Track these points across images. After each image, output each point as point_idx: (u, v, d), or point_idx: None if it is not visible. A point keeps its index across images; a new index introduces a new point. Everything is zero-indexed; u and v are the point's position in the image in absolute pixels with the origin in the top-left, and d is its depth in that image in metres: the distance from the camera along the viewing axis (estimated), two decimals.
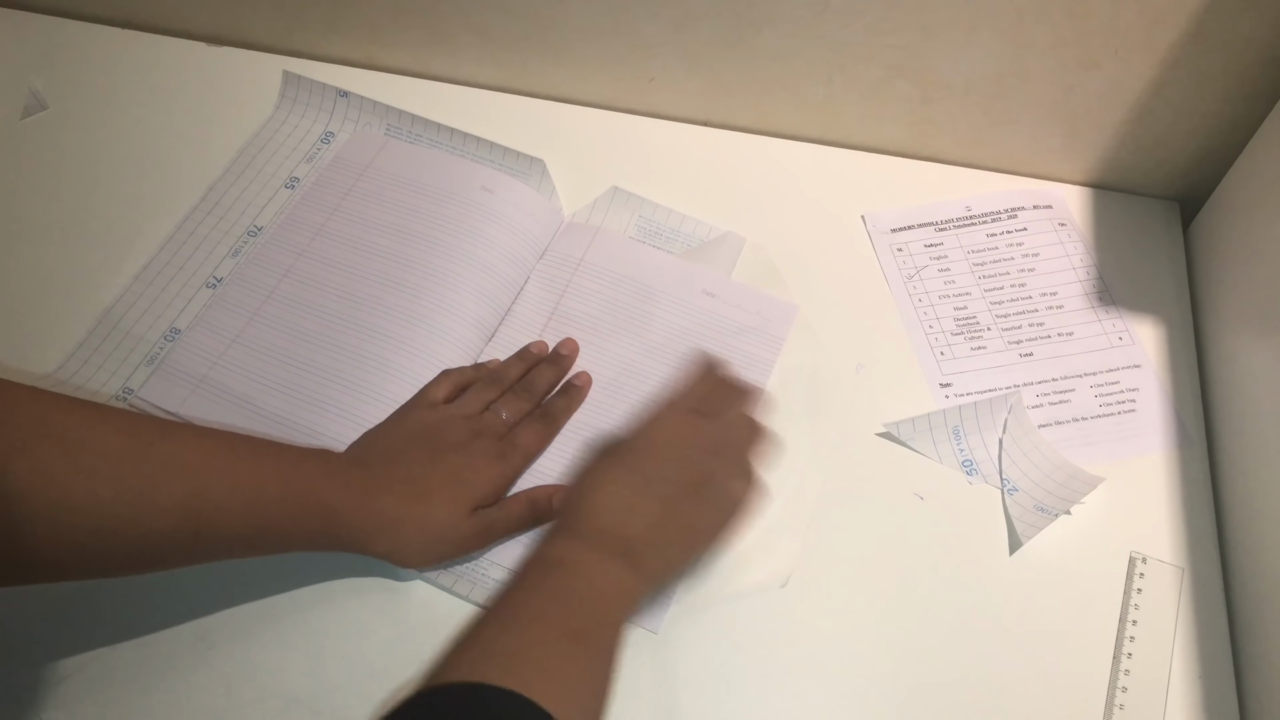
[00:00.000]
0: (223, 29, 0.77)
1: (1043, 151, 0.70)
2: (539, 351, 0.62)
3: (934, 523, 0.57)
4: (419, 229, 0.65)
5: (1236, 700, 0.52)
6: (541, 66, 0.73)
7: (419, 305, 0.62)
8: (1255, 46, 0.59)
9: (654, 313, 0.64)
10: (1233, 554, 0.56)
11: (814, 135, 0.73)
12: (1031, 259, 0.67)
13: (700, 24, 0.66)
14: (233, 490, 0.46)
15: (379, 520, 0.50)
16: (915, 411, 0.60)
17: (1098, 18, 0.60)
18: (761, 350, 0.62)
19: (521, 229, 0.66)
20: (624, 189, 0.69)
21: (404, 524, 0.51)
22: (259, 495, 0.47)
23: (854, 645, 0.53)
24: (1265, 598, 0.52)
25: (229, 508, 0.46)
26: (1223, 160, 0.65)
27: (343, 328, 0.62)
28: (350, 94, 0.72)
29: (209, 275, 0.65)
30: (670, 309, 0.64)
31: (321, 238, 0.66)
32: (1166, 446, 0.60)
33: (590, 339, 0.63)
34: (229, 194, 0.69)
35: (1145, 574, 0.55)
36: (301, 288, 0.64)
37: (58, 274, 0.65)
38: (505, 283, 0.64)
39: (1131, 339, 0.64)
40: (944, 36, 0.63)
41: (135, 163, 0.71)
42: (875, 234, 0.69)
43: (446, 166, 0.69)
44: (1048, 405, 0.61)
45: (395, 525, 0.51)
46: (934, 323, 0.65)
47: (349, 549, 0.51)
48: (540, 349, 0.62)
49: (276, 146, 0.72)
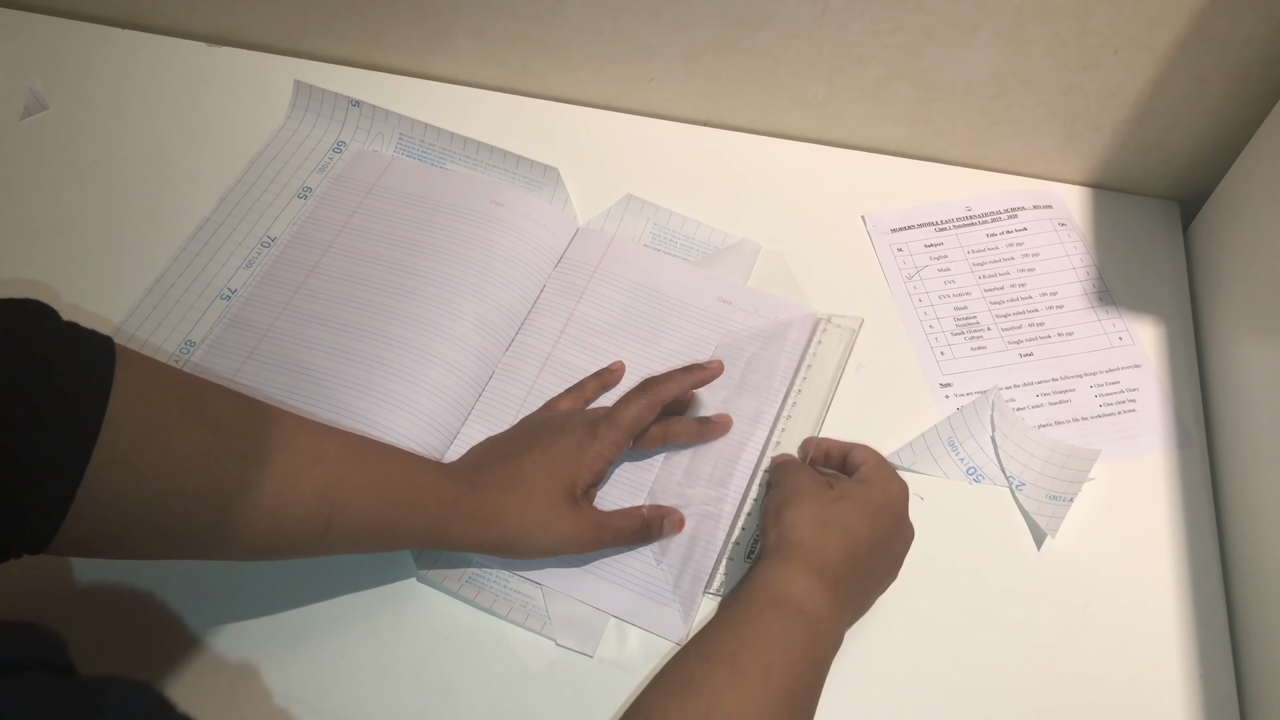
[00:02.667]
0: (223, 29, 0.77)
1: (1042, 151, 0.70)
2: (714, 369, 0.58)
3: (936, 523, 0.57)
4: (430, 242, 0.65)
5: (1237, 701, 0.52)
6: (541, 67, 0.73)
7: (435, 314, 0.62)
8: (1255, 46, 0.59)
9: (670, 320, 0.64)
10: (1233, 554, 0.56)
11: (814, 135, 0.73)
12: (1031, 259, 0.67)
13: (700, 24, 0.66)
14: (363, 484, 0.47)
15: (483, 513, 0.50)
16: (915, 412, 0.60)
17: (1098, 18, 0.60)
18: (780, 357, 0.62)
19: (534, 238, 0.66)
20: (638, 197, 0.69)
21: (504, 514, 0.51)
22: (384, 490, 0.48)
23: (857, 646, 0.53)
24: (1265, 597, 0.52)
25: (358, 501, 0.47)
26: (1223, 160, 0.65)
27: (359, 337, 0.61)
28: (362, 103, 0.72)
29: (223, 287, 0.65)
30: (686, 316, 0.64)
31: (332, 254, 0.66)
32: (1166, 446, 0.60)
33: (606, 346, 0.63)
34: (241, 204, 0.69)
35: (827, 330, 0.61)
36: (315, 302, 0.63)
37: (63, 280, 0.65)
38: (520, 291, 0.64)
39: (1131, 339, 0.64)
40: (944, 36, 0.63)
41: (136, 164, 0.71)
42: (875, 234, 0.69)
43: (454, 182, 0.69)
44: (1048, 405, 0.61)
45: (497, 517, 0.51)
46: (934, 323, 0.65)
47: (461, 547, 0.52)
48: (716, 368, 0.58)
49: (288, 156, 0.72)
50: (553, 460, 0.53)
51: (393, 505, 0.48)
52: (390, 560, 0.55)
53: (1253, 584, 0.54)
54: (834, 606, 0.46)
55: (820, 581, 0.46)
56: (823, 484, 0.51)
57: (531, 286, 0.65)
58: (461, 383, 0.60)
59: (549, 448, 0.53)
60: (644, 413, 0.54)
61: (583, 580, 0.55)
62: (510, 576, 0.55)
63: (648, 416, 0.55)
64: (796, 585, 0.46)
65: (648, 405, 0.54)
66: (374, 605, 0.54)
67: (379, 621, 0.54)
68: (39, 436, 0.37)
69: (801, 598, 0.45)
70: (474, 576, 0.55)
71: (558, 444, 0.53)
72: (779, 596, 0.46)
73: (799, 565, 0.47)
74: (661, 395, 0.55)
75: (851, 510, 0.49)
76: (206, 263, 0.66)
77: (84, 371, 0.39)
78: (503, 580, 0.55)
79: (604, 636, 0.53)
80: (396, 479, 0.48)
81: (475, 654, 0.53)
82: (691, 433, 0.58)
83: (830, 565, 0.47)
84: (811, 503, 0.49)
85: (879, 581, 0.51)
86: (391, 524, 0.48)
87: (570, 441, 0.53)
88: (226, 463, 0.43)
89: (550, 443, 0.54)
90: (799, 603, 0.45)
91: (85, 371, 0.39)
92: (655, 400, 0.55)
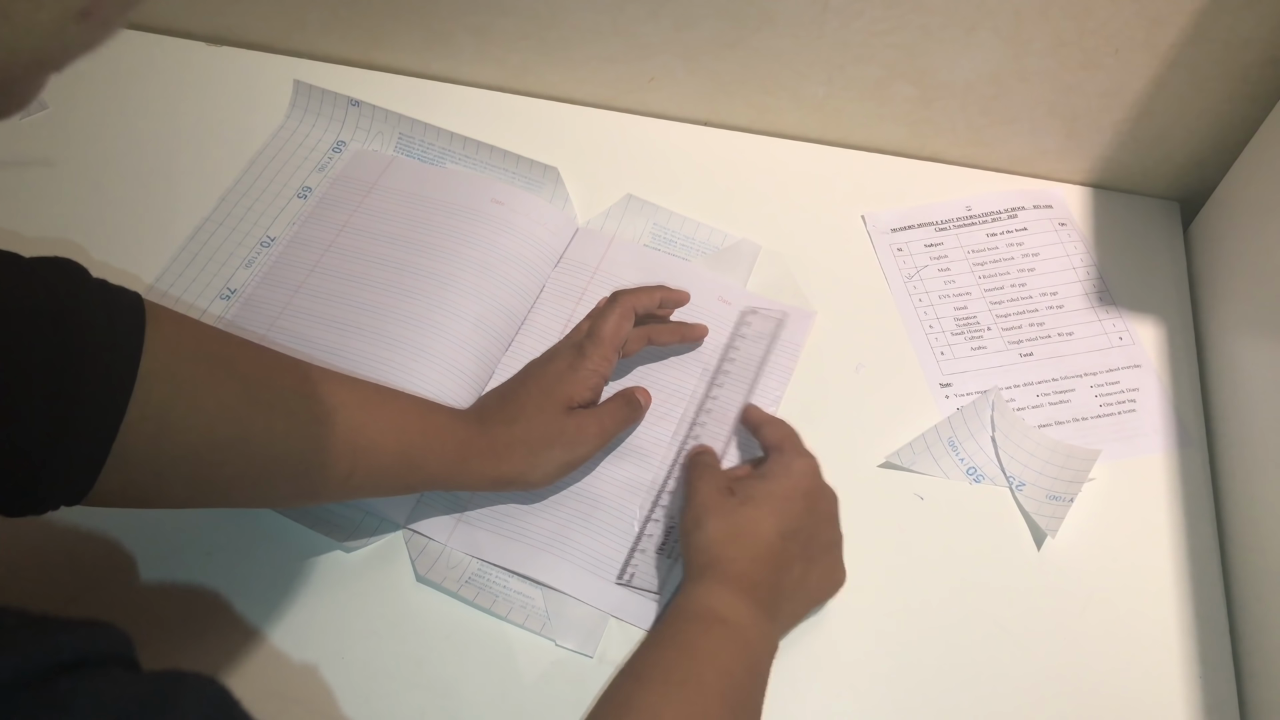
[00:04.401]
0: (223, 29, 0.77)
1: (1042, 151, 0.70)
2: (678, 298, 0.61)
3: (936, 523, 0.57)
4: (431, 241, 0.65)
5: (1237, 701, 0.52)
6: (541, 66, 0.73)
7: (435, 314, 0.62)
8: (1255, 46, 0.59)
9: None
10: (1233, 554, 0.56)
11: (814, 135, 0.73)
12: (1031, 259, 0.67)
13: (700, 24, 0.66)
14: (384, 429, 0.49)
15: (494, 449, 0.53)
16: (915, 412, 0.60)
17: (1098, 18, 0.60)
18: (779, 358, 0.62)
19: (534, 238, 0.66)
20: (638, 197, 0.69)
21: (513, 447, 0.53)
22: (404, 433, 0.50)
23: (857, 646, 0.53)
24: (1265, 597, 0.52)
25: (381, 444, 0.49)
26: (1223, 160, 0.65)
27: (359, 337, 0.61)
28: (362, 103, 0.72)
29: (223, 287, 0.65)
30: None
31: (332, 253, 0.66)
32: (1166, 446, 0.60)
33: None
34: (240, 204, 0.69)
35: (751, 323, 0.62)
36: (315, 302, 0.63)
37: None
38: (520, 291, 0.64)
39: (1131, 339, 0.64)
40: (944, 36, 0.63)
41: (136, 164, 0.71)
42: (875, 234, 0.69)
43: (455, 181, 0.69)
44: (1048, 405, 0.61)
45: (507, 449, 0.53)
46: (934, 323, 0.65)
47: (478, 486, 0.54)
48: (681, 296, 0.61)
49: (288, 156, 0.71)
50: (547, 386, 0.55)
51: (411, 447, 0.50)
52: (390, 560, 0.55)
53: (1253, 584, 0.54)
54: (758, 613, 0.47)
55: (738, 593, 0.47)
56: (723, 494, 0.51)
57: (531, 286, 0.65)
58: (461, 382, 0.60)
59: (542, 377, 0.56)
60: (620, 322, 0.56)
61: (583, 580, 0.55)
62: (510, 577, 0.55)
63: (625, 325, 0.57)
64: (715, 598, 0.47)
65: (621, 314, 0.57)
66: (374, 605, 0.54)
67: (379, 621, 0.54)
68: (74, 392, 0.38)
69: (724, 610, 0.47)
70: (474, 576, 0.55)
71: (549, 371, 0.56)
72: (701, 611, 0.47)
73: (714, 580, 0.48)
74: (632, 302, 0.57)
75: (754, 513, 0.49)
76: (206, 263, 0.66)
77: (115, 328, 0.40)
78: (503, 580, 0.55)
79: (604, 637, 0.53)
80: (414, 422, 0.51)
81: (475, 654, 0.53)
82: (673, 333, 0.61)
83: (743, 576, 0.48)
84: (714, 520, 0.50)
85: (809, 565, 0.51)
86: (411, 465, 0.50)
87: (561, 365, 0.56)
88: (255, 414, 0.44)
89: (542, 373, 0.56)
90: (721, 614, 0.46)
91: (117, 328, 0.40)
92: (627, 307, 0.57)
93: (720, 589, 0.47)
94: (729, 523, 0.49)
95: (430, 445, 0.51)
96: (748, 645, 0.46)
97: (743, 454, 0.59)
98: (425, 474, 0.51)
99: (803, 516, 0.51)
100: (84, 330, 0.39)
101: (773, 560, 0.49)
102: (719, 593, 0.47)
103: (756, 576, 0.48)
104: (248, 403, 0.44)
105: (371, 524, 0.56)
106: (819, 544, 0.52)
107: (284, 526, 0.56)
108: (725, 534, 0.49)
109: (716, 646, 0.45)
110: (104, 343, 0.39)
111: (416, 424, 0.51)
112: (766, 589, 0.48)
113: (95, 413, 0.39)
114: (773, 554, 0.49)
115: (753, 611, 0.47)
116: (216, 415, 0.43)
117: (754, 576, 0.48)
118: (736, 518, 0.49)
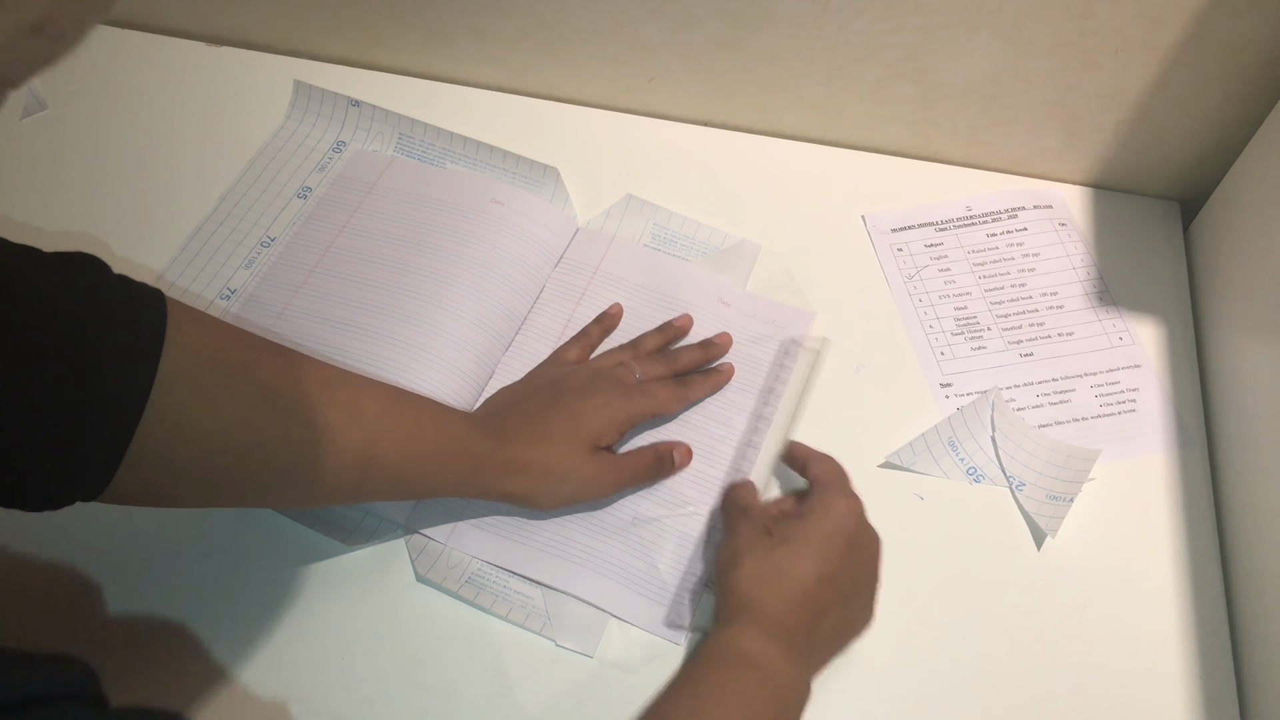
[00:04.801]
0: (223, 29, 0.77)
1: (1043, 151, 0.70)
2: (682, 325, 0.62)
3: (936, 523, 0.57)
4: (431, 241, 0.65)
5: (1237, 701, 0.52)
6: (541, 66, 0.73)
7: (435, 314, 0.62)
8: (1255, 46, 0.59)
9: None
10: (1233, 554, 0.56)
11: (814, 135, 0.73)
12: (1031, 259, 0.67)
13: (700, 24, 0.66)
14: (399, 438, 0.49)
15: (510, 465, 0.52)
16: (915, 412, 0.60)
17: (1098, 18, 0.60)
18: (779, 359, 0.62)
19: (534, 238, 0.66)
20: (638, 197, 0.69)
21: (530, 467, 0.53)
22: (418, 443, 0.50)
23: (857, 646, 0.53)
24: (1265, 597, 0.52)
25: (394, 453, 0.49)
26: (1223, 160, 0.65)
27: (359, 337, 0.61)
28: (362, 103, 0.72)
29: (223, 287, 0.65)
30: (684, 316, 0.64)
31: (332, 254, 0.66)
32: (1166, 446, 0.60)
33: (606, 347, 0.62)
34: (241, 204, 0.69)
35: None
36: (315, 302, 0.63)
37: None
38: (520, 291, 0.64)
39: (1131, 339, 0.64)
40: (944, 36, 0.63)
41: (135, 164, 0.71)
42: (875, 234, 0.69)
43: (455, 181, 0.69)
44: (1048, 405, 0.61)
45: (524, 469, 0.53)
46: (934, 323, 0.65)
47: (489, 495, 0.53)
48: (684, 322, 0.62)
49: (288, 156, 0.71)
50: (578, 418, 0.54)
51: (426, 459, 0.50)
52: (390, 560, 0.55)
53: (1253, 584, 0.54)
54: (790, 657, 0.46)
55: (771, 636, 0.46)
56: (760, 534, 0.50)
57: (531, 286, 0.65)
58: (461, 382, 0.60)
59: (574, 406, 0.55)
60: (676, 404, 0.59)
61: (584, 579, 0.55)
62: (510, 577, 0.55)
63: (678, 408, 0.59)
64: (747, 641, 0.46)
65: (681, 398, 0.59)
66: (374, 605, 0.54)
67: (379, 621, 0.54)
68: (93, 392, 0.38)
69: (755, 653, 0.45)
70: (474, 576, 0.55)
71: (585, 403, 0.55)
72: (731, 654, 0.46)
73: (747, 622, 0.46)
74: (696, 394, 0.59)
75: (792, 555, 0.48)
76: (206, 263, 0.66)
77: (136, 327, 0.40)
78: (503, 580, 0.55)
79: (604, 637, 0.53)
80: (430, 434, 0.50)
81: (475, 654, 0.53)
82: (706, 389, 0.60)
83: (775, 620, 0.46)
84: (749, 560, 0.48)
85: (845, 609, 0.50)
86: (424, 477, 0.51)
87: (598, 402, 0.55)
88: (271, 421, 0.45)
89: (575, 402, 0.55)
90: (753, 658, 0.45)
91: (137, 327, 0.40)
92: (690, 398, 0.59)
93: (753, 631, 0.46)
94: (765, 564, 0.48)
95: (445, 459, 0.51)
96: (780, 691, 0.45)
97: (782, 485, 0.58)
98: (436, 484, 0.52)
99: (842, 560, 0.49)
100: (104, 331, 0.39)
101: (808, 604, 0.47)
102: (750, 634, 0.46)
103: (791, 621, 0.46)
104: (265, 409, 0.44)
105: (371, 524, 0.56)
106: (856, 589, 0.50)
107: (284, 526, 0.56)
108: (760, 575, 0.48)
109: (746, 692, 0.44)
110: (124, 343, 0.40)
111: (433, 436, 0.50)
112: (801, 633, 0.47)
113: (113, 414, 0.39)
114: (808, 598, 0.47)
115: (786, 656, 0.45)
116: (233, 421, 0.43)
117: (789, 621, 0.46)
118: (773, 558, 0.48)
